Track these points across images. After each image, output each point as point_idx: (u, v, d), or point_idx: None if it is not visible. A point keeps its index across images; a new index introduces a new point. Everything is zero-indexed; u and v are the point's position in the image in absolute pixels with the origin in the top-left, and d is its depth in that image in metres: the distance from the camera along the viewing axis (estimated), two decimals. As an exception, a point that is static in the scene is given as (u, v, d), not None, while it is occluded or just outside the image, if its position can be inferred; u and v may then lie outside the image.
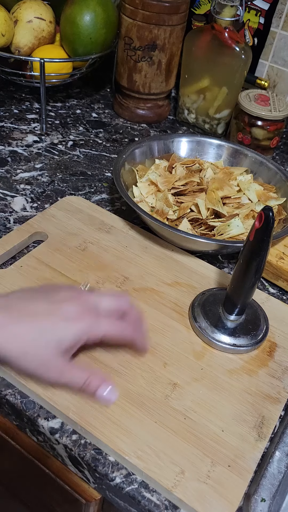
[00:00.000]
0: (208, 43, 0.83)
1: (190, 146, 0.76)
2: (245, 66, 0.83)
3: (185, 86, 0.89)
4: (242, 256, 0.48)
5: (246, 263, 0.48)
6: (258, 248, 0.46)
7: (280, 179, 0.71)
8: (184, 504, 0.41)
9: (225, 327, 0.53)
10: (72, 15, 0.79)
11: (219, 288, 0.59)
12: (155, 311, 0.55)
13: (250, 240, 0.46)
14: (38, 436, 0.47)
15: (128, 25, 0.81)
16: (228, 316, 0.53)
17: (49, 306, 0.39)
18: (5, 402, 0.47)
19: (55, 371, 0.37)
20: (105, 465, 0.43)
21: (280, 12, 0.88)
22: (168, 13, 0.78)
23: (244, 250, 0.47)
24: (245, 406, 0.48)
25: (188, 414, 0.46)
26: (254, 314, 0.56)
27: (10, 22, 0.79)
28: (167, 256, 0.63)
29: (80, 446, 0.44)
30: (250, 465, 0.44)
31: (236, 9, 0.79)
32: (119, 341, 0.42)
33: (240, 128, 0.82)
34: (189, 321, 0.55)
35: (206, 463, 0.43)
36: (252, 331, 0.54)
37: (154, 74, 0.85)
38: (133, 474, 0.43)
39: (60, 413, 0.45)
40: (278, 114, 0.79)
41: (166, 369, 0.50)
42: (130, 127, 0.90)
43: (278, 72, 0.94)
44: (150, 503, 0.42)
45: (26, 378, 0.46)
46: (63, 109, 0.91)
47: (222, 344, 0.52)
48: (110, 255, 0.61)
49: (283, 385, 0.51)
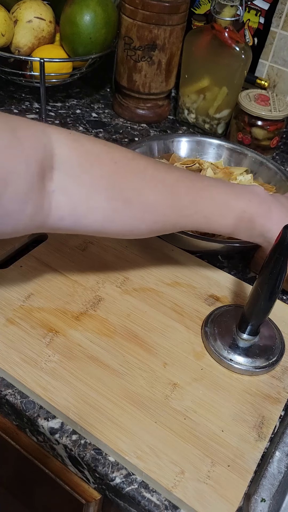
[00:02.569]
0: (208, 43, 0.83)
1: (190, 146, 0.76)
2: (245, 66, 0.83)
3: (185, 86, 0.89)
4: (260, 273, 0.46)
5: (261, 279, 0.46)
6: (272, 266, 0.44)
7: (280, 179, 0.71)
8: (184, 504, 0.41)
9: (238, 347, 0.52)
10: (72, 15, 0.79)
11: (232, 305, 0.57)
12: (155, 311, 0.55)
13: (267, 256, 0.45)
14: (38, 436, 0.47)
15: (128, 25, 0.81)
16: (242, 335, 0.52)
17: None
18: (5, 402, 0.47)
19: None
20: (105, 465, 0.43)
21: (280, 12, 0.88)
22: (168, 13, 0.78)
23: (262, 267, 0.46)
24: (245, 406, 0.48)
25: (188, 414, 0.46)
26: (269, 332, 0.54)
27: (10, 22, 0.79)
28: (167, 256, 0.63)
29: (80, 446, 0.44)
30: (250, 465, 0.44)
31: (236, 9, 0.79)
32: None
33: (240, 128, 0.82)
34: (201, 339, 0.54)
35: (206, 463, 0.43)
36: (267, 352, 0.52)
37: (154, 74, 0.85)
38: (133, 474, 0.43)
39: (60, 413, 0.45)
40: (278, 114, 0.78)
41: (166, 369, 0.50)
42: (130, 127, 0.90)
43: (278, 72, 0.94)
44: (150, 503, 0.42)
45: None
46: (63, 109, 0.91)
47: (237, 366, 0.51)
48: (110, 255, 0.61)
49: (283, 385, 0.51)
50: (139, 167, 0.46)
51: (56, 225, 0.44)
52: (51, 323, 0.52)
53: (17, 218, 0.40)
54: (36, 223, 0.42)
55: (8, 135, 0.38)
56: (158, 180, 0.47)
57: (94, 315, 0.54)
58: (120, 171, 0.45)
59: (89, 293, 0.56)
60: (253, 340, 0.52)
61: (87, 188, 0.44)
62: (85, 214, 0.44)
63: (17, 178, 0.38)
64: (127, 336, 0.52)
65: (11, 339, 0.50)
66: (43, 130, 0.42)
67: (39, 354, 0.49)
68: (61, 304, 0.54)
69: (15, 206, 0.39)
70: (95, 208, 0.45)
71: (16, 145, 0.38)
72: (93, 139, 0.46)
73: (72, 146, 0.43)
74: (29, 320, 0.52)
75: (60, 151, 0.42)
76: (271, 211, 0.51)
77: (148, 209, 0.47)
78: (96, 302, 0.55)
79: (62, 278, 0.57)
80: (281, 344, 0.54)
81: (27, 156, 0.39)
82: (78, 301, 0.55)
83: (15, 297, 0.54)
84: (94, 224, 0.45)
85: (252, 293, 0.48)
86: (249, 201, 0.50)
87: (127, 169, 0.46)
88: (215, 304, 0.58)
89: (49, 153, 0.41)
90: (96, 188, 0.44)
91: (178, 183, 0.48)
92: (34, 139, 0.40)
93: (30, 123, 0.41)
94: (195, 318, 0.56)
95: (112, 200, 0.45)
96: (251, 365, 0.51)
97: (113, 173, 0.45)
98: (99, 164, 0.44)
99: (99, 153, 0.44)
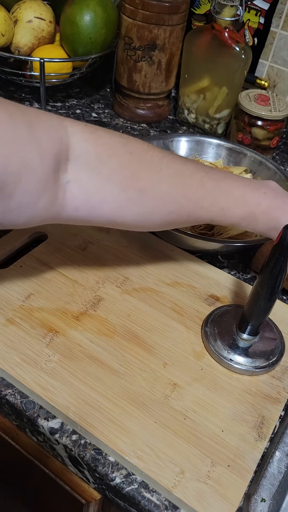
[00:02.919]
0: (208, 43, 0.83)
1: (189, 145, 0.76)
2: (245, 66, 0.83)
3: (185, 86, 0.89)
4: (260, 273, 0.46)
5: (261, 279, 0.46)
6: (272, 266, 0.44)
7: (280, 179, 0.71)
8: (184, 504, 0.41)
9: (238, 347, 0.52)
10: (72, 15, 0.79)
11: (232, 305, 0.57)
12: (155, 311, 0.55)
13: (268, 256, 0.45)
14: (38, 436, 0.47)
15: (128, 25, 0.81)
16: (242, 335, 0.52)
17: None
18: (5, 402, 0.47)
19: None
20: (105, 465, 0.43)
21: (280, 12, 0.88)
22: (168, 13, 0.78)
23: (262, 267, 0.46)
24: (245, 406, 0.48)
25: (188, 414, 0.46)
26: (269, 332, 0.54)
27: (10, 22, 0.79)
28: (167, 256, 0.63)
29: (80, 446, 0.44)
30: (250, 465, 0.44)
31: (236, 9, 0.79)
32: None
33: (240, 128, 0.82)
34: (201, 339, 0.54)
35: (206, 463, 0.43)
36: (267, 352, 0.52)
37: (154, 74, 0.85)
38: (133, 474, 0.43)
39: (60, 413, 0.45)
40: (278, 114, 0.78)
41: (166, 369, 0.50)
42: (130, 127, 0.90)
43: (278, 72, 0.94)
44: (150, 503, 0.42)
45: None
46: (63, 109, 0.91)
47: (237, 366, 0.51)
48: (110, 255, 0.61)
49: (283, 385, 0.51)
50: (154, 159, 0.47)
51: (72, 215, 0.44)
52: (51, 323, 0.52)
53: (31, 210, 0.40)
54: (51, 214, 0.43)
55: (26, 128, 0.38)
56: (174, 171, 0.47)
57: (94, 315, 0.54)
58: (135, 162, 0.45)
59: (89, 293, 0.56)
60: (253, 340, 0.52)
61: (101, 179, 0.44)
62: (99, 204, 0.45)
63: (31, 171, 0.38)
64: (127, 336, 0.52)
65: (11, 339, 0.50)
66: (61, 123, 0.42)
67: (39, 354, 0.49)
68: (61, 304, 0.54)
69: (28, 199, 0.39)
70: (109, 198, 0.45)
71: (33, 138, 0.38)
72: (109, 131, 0.46)
73: (88, 138, 0.43)
74: (29, 320, 0.52)
75: (76, 143, 0.43)
76: (286, 204, 0.51)
77: (163, 199, 0.47)
78: (96, 302, 0.55)
79: (62, 278, 0.57)
80: (281, 344, 0.54)
81: (43, 149, 0.39)
82: (78, 301, 0.55)
83: (15, 297, 0.54)
84: (109, 214, 0.46)
85: (252, 293, 0.48)
86: (264, 194, 0.51)
87: (142, 160, 0.46)
88: (215, 304, 0.58)
89: (65, 145, 0.42)
90: (111, 179, 0.44)
91: (194, 174, 0.48)
92: (51, 133, 0.40)
93: (48, 116, 0.42)
94: (195, 318, 0.56)
95: (126, 190, 0.45)
96: (251, 365, 0.51)
97: (128, 164, 0.45)
98: (115, 156, 0.44)
99: (115, 145, 0.45)
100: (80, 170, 0.43)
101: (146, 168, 0.46)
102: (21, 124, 0.38)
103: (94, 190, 0.44)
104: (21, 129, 0.38)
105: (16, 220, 0.41)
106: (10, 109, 0.38)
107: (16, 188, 0.38)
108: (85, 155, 0.43)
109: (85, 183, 0.43)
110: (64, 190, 0.42)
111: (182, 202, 0.48)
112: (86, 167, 0.43)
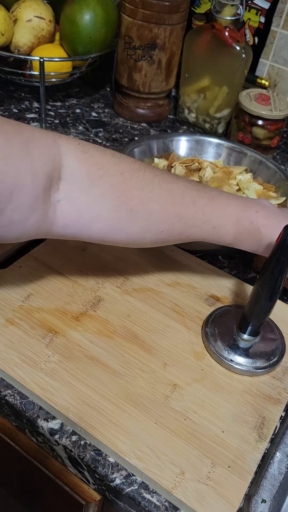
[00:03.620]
0: (208, 42, 0.83)
1: (189, 145, 0.76)
2: (246, 65, 0.83)
3: (185, 85, 0.89)
4: (260, 273, 0.46)
5: (262, 280, 0.46)
6: (273, 267, 0.44)
7: (280, 178, 0.71)
8: (184, 505, 0.41)
9: (238, 347, 0.52)
10: (72, 14, 0.79)
11: (232, 306, 0.57)
12: (155, 311, 0.55)
13: (268, 256, 0.45)
14: (38, 437, 0.47)
15: (128, 24, 0.80)
16: (242, 336, 0.52)
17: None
18: (5, 403, 0.47)
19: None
20: (105, 466, 0.43)
21: (280, 11, 0.88)
22: (168, 12, 0.78)
23: (263, 267, 0.46)
24: (245, 407, 0.48)
25: (188, 415, 0.46)
26: (270, 333, 0.54)
27: (10, 21, 0.79)
28: (167, 256, 0.62)
29: (79, 447, 0.44)
30: (251, 466, 0.44)
31: (236, 8, 0.78)
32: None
33: (241, 127, 0.82)
34: (202, 341, 0.53)
35: (206, 464, 0.43)
36: (268, 352, 0.52)
37: (154, 74, 0.85)
38: (133, 475, 0.43)
39: (59, 414, 0.45)
40: (279, 114, 0.78)
41: (166, 370, 0.50)
42: (130, 126, 0.90)
43: (278, 72, 0.93)
44: (150, 504, 0.42)
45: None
46: (63, 109, 0.91)
47: (238, 366, 0.51)
48: (110, 255, 0.61)
49: (284, 385, 0.51)
50: (146, 178, 0.47)
51: (61, 232, 0.45)
52: (51, 324, 0.52)
53: (21, 227, 0.41)
54: (41, 231, 0.43)
55: (19, 147, 0.39)
56: (165, 190, 0.47)
57: (94, 315, 0.54)
58: (126, 182, 0.45)
59: (89, 293, 0.56)
60: (253, 341, 0.52)
61: (93, 199, 0.44)
62: (89, 223, 0.45)
63: (23, 190, 0.39)
64: (127, 336, 0.52)
65: (10, 340, 0.50)
66: (55, 142, 0.42)
67: (38, 355, 0.49)
68: (60, 304, 0.54)
69: (19, 216, 0.40)
70: (100, 218, 0.45)
71: (25, 157, 0.39)
72: (102, 149, 0.46)
73: (81, 157, 0.44)
74: (28, 321, 0.52)
75: (68, 163, 0.43)
76: (280, 223, 0.51)
77: (153, 218, 0.47)
78: (96, 303, 0.55)
79: (61, 278, 0.57)
80: (281, 345, 0.54)
81: (35, 168, 0.40)
82: (78, 302, 0.55)
83: (15, 298, 0.54)
84: (99, 232, 0.46)
85: (253, 293, 0.48)
86: (256, 213, 0.51)
87: (133, 180, 0.46)
88: (216, 304, 0.58)
89: (58, 164, 0.42)
90: (102, 199, 0.44)
91: (185, 193, 0.48)
92: (44, 152, 0.41)
93: (42, 134, 0.42)
94: (196, 319, 0.55)
95: (117, 210, 0.45)
96: (252, 366, 0.51)
97: (120, 184, 0.45)
98: (107, 175, 0.45)
99: (106, 165, 0.45)
100: (71, 189, 0.43)
101: (138, 188, 0.46)
102: (16, 143, 0.38)
103: (85, 209, 0.44)
104: (16, 149, 0.38)
105: (6, 236, 0.41)
106: (5, 128, 0.38)
107: (7, 206, 0.38)
108: (77, 175, 0.43)
109: (76, 202, 0.44)
110: (55, 208, 0.43)
111: (173, 221, 0.48)
112: (78, 186, 0.43)
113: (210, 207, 0.49)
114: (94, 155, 0.45)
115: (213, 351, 0.52)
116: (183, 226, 0.49)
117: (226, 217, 0.50)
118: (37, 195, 0.40)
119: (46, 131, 0.43)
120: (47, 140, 0.42)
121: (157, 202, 0.47)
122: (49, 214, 0.42)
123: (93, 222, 0.45)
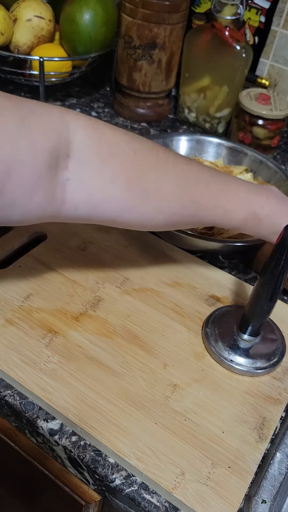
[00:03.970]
0: (208, 42, 0.83)
1: (189, 145, 0.76)
2: (246, 65, 0.83)
3: (186, 85, 0.89)
4: (261, 273, 0.46)
5: (262, 280, 0.46)
6: (273, 267, 0.44)
7: (280, 178, 0.71)
8: (184, 506, 0.41)
9: (239, 348, 0.52)
10: (71, 13, 0.79)
11: (232, 306, 0.57)
12: (155, 312, 0.55)
13: (269, 256, 0.45)
14: (38, 438, 0.47)
15: (128, 24, 0.80)
16: (243, 336, 0.51)
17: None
18: (4, 403, 0.47)
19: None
20: (105, 467, 0.43)
21: (281, 10, 0.87)
22: (168, 12, 0.78)
23: (263, 267, 0.46)
24: (245, 407, 0.48)
25: (188, 415, 0.46)
26: (270, 333, 0.54)
27: (10, 21, 0.79)
28: (167, 256, 0.62)
29: (79, 448, 0.44)
30: (251, 466, 0.44)
31: (236, 8, 0.78)
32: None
33: (241, 127, 0.82)
34: (202, 341, 0.53)
35: (206, 465, 0.43)
36: (268, 353, 0.52)
37: (154, 73, 0.85)
38: (133, 476, 0.43)
39: (59, 414, 0.45)
40: (279, 113, 0.78)
41: (166, 370, 0.50)
42: (130, 126, 0.90)
43: (279, 71, 0.93)
44: (150, 504, 0.42)
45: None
46: (63, 108, 0.91)
47: (238, 367, 0.51)
48: (110, 255, 0.61)
49: (284, 386, 0.51)
50: (159, 158, 0.46)
51: (71, 214, 0.43)
52: (51, 324, 0.52)
53: (25, 207, 0.39)
54: (49, 212, 0.41)
55: (16, 123, 0.37)
56: (178, 172, 0.47)
57: (93, 315, 0.53)
58: (139, 161, 0.44)
59: (89, 294, 0.56)
60: (254, 341, 0.52)
61: (104, 178, 0.43)
62: (101, 204, 0.43)
63: (22, 167, 0.37)
64: (127, 336, 0.52)
65: (10, 340, 0.50)
66: (61, 117, 0.40)
67: (38, 355, 0.49)
68: (60, 304, 0.54)
69: (19, 195, 0.38)
70: (111, 198, 0.43)
71: (23, 133, 0.37)
72: (114, 128, 0.44)
73: (91, 134, 0.42)
74: (28, 321, 0.52)
75: (77, 139, 0.41)
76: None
77: (166, 200, 0.46)
78: (96, 303, 0.55)
79: (61, 278, 0.57)
80: (282, 345, 0.54)
81: (35, 144, 0.38)
82: (77, 302, 0.55)
83: (14, 298, 0.54)
84: (110, 213, 0.45)
85: (253, 293, 0.48)
86: (267, 198, 0.50)
87: (147, 160, 0.45)
88: (216, 304, 0.57)
89: (65, 141, 0.40)
90: (114, 178, 0.43)
91: (199, 176, 0.48)
92: (45, 127, 0.39)
93: (46, 109, 0.40)
94: (196, 319, 0.55)
95: (130, 190, 0.44)
96: (252, 366, 0.51)
97: (132, 164, 0.44)
98: (119, 154, 0.43)
99: (119, 143, 0.43)
100: (81, 168, 0.42)
101: (151, 168, 0.45)
102: (11, 118, 0.37)
103: (96, 188, 0.43)
104: (11, 124, 0.37)
105: (11, 216, 0.39)
106: (4, 103, 0.37)
107: (6, 183, 0.37)
108: (87, 152, 0.42)
109: (87, 181, 0.42)
110: (64, 187, 0.41)
111: (186, 203, 0.47)
112: (88, 164, 0.42)
113: (223, 191, 0.49)
114: (106, 132, 0.43)
115: (213, 352, 0.51)
116: (196, 209, 0.48)
117: (238, 202, 0.49)
118: (40, 173, 0.38)
119: (53, 106, 0.41)
120: (50, 115, 0.40)
121: (170, 184, 0.46)
122: (57, 193, 0.41)
123: (105, 202, 0.43)
